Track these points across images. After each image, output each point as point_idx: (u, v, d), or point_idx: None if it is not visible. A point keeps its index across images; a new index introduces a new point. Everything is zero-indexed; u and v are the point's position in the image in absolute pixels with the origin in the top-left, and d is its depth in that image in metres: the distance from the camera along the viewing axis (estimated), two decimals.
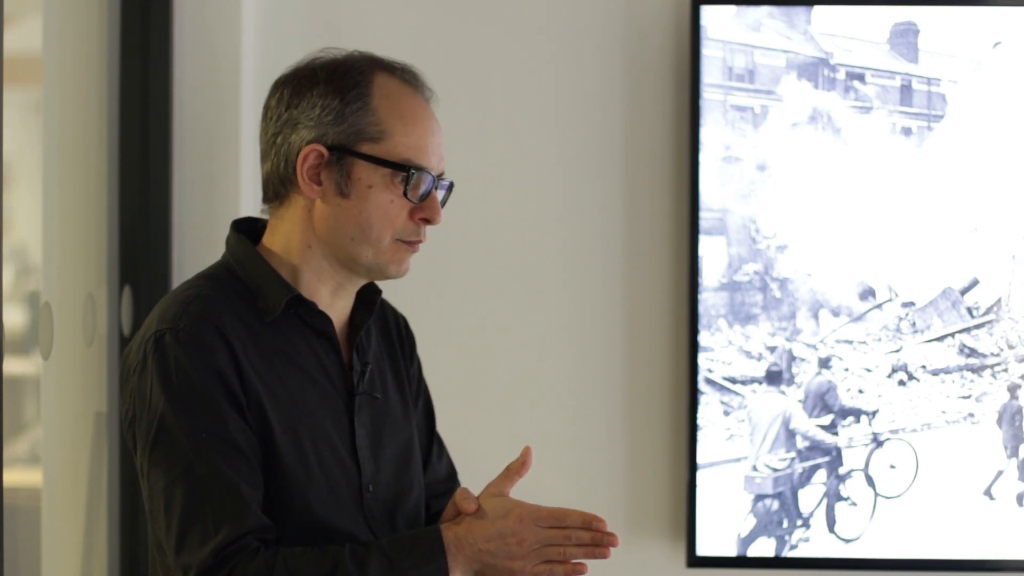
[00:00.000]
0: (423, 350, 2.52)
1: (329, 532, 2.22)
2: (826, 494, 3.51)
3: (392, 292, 2.40)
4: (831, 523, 3.51)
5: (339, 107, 2.23)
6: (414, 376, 2.48)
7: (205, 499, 2.13)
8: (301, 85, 2.26)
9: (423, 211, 2.26)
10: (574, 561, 2.17)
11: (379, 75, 2.27)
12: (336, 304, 2.31)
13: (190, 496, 2.14)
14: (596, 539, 2.14)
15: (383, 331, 2.43)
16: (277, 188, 2.29)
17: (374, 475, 2.30)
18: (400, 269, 2.28)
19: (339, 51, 2.30)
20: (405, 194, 2.23)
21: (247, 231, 2.34)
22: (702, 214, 3.48)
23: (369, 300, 2.36)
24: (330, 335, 2.30)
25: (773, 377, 3.50)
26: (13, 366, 2.91)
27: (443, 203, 2.31)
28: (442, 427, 2.53)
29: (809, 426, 3.51)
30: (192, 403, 2.16)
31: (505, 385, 3.56)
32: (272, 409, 2.21)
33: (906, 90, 3.50)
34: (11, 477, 2.78)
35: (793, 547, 3.51)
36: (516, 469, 2.20)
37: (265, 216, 2.34)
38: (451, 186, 2.32)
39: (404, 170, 2.23)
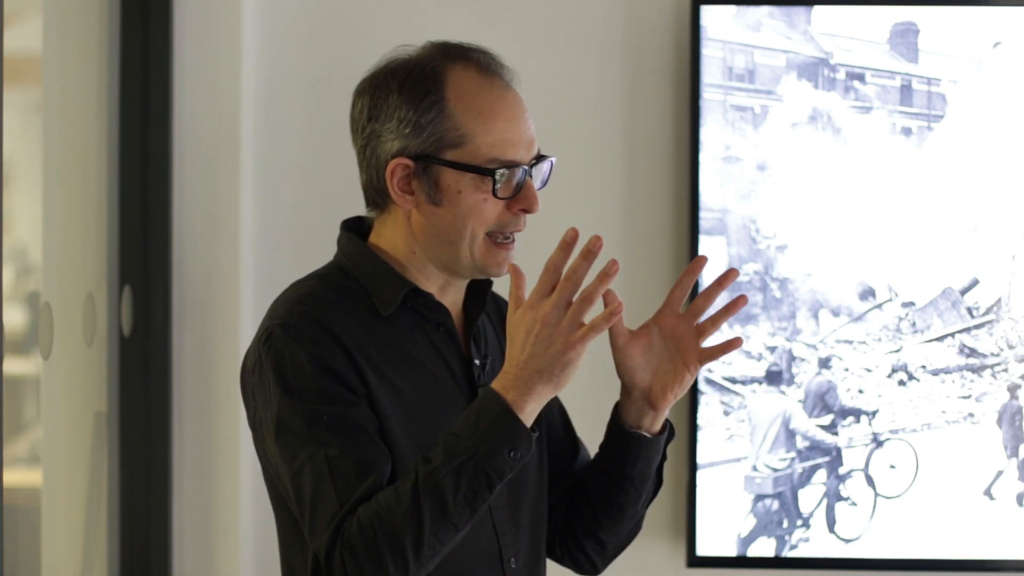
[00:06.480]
0: None
1: None
2: (826, 494, 3.51)
3: None
4: (831, 523, 3.51)
5: (415, 118, 2.20)
6: None
7: (330, 480, 2.10)
8: (376, 95, 2.23)
9: (519, 202, 2.23)
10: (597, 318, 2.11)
11: (452, 72, 2.22)
12: (446, 299, 2.28)
13: (315, 480, 2.11)
14: (584, 253, 2.09)
15: (500, 324, 2.38)
16: (375, 198, 2.26)
17: None
18: (501, 269, 2.24)
19: (411, 49, 2.25)
20: (495, 194, 2.20)
21: (355, 229, 2.31)
22: (702, 214, 3.48)
23: (481, 291, 2.33)
24: (448, 327, 2.27)
25: (773, 377, 3.50)
26: (13, 366, 2.91)
27: (545, 180, 2.29)
28: None
29: (809, 426, 3.51)
30: (309, 390, 2.13)
31: None
32: (391, 405, 2.17)
33: (906, 90, 3.50)
34: (11, 477, 2.78)
35: (793, 547, 3.51)
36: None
37: (371, 215, 2.31)
38: (551, 163, 2.29)
39: (490, 173, 2.20)
